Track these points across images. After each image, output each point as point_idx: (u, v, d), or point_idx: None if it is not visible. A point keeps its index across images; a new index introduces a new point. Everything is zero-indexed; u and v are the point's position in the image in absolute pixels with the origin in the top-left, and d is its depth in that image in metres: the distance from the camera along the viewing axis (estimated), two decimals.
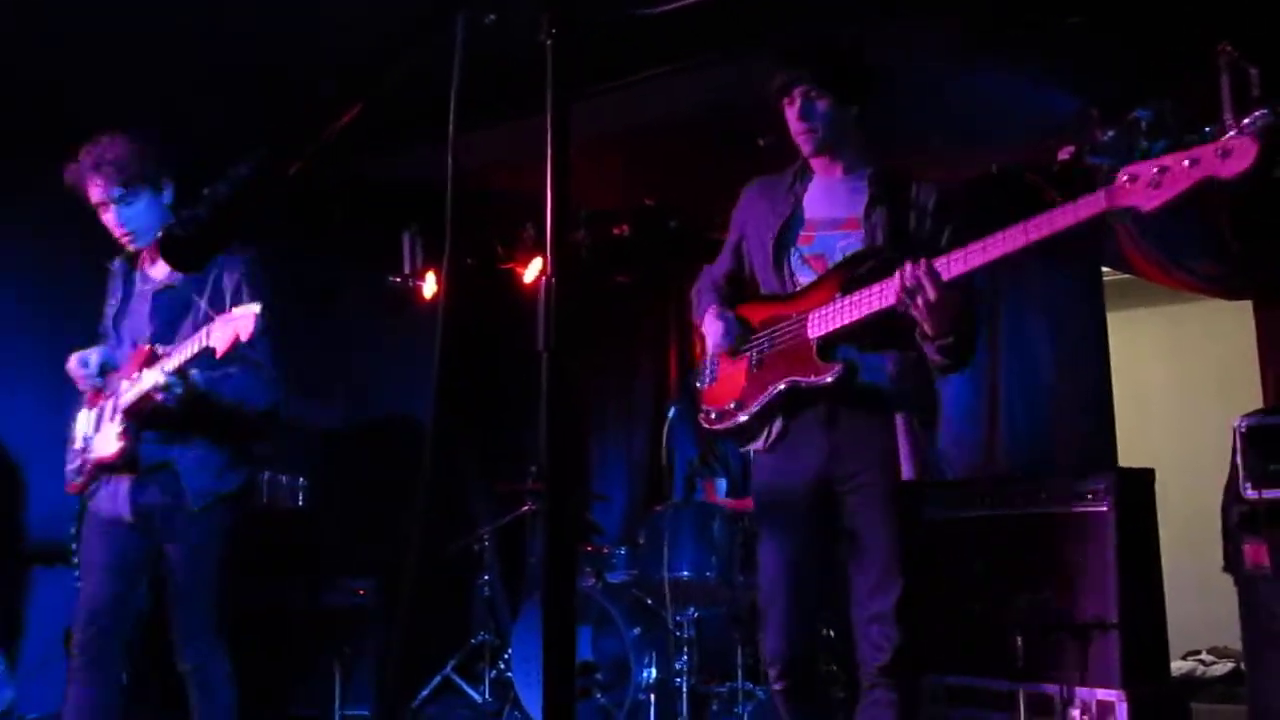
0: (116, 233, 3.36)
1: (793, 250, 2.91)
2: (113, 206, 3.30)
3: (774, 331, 2.86)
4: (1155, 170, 2.26)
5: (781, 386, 2.80)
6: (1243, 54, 4.30)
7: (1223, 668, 5.60)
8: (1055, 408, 5.52)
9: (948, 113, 5.19)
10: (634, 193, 6.29)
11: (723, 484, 5.74)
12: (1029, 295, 5.79)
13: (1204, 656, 5.76)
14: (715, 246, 3.25)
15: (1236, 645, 4.55)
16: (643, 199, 6.35)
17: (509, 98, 4.78)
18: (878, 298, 2.62)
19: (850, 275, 2.74)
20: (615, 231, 6.57)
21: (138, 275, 3.48)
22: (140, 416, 3.22)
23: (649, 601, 4.96)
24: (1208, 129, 4.52)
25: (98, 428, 3.34)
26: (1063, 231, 2.40)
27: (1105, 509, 4.39)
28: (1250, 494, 4.01)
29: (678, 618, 4.86)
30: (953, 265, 2.53)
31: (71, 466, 3.40)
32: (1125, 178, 2.31)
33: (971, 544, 4.62)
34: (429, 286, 6.30)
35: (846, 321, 2.67)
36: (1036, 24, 4.30)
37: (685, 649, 4.80)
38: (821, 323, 2.72)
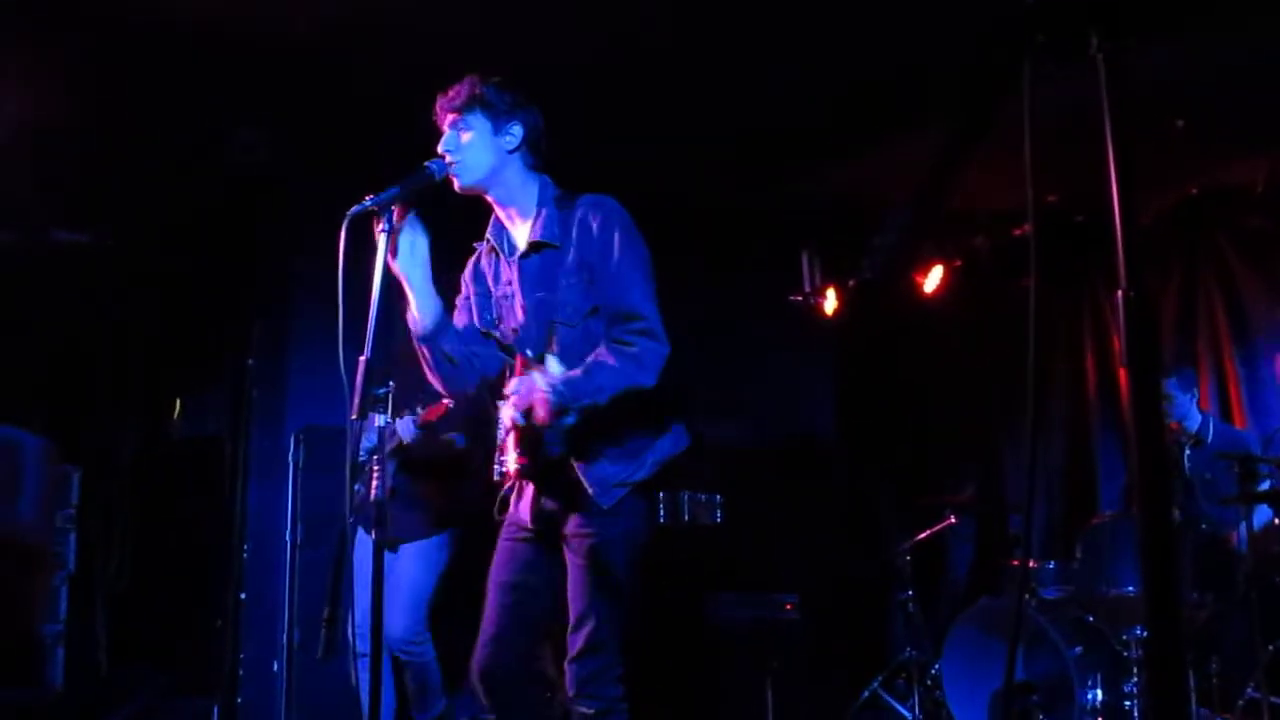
0: None
1: None
2: None
3: None
4: None
5: None
6: None
7: None
8: None
9: None
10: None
11: None
12: None
13: None
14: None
15: None
16: (1043, 196, 6.06)
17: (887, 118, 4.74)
18: None
19: None
20: (1016, 233, 6.33)
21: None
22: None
23: (1090, 619, 4.71)
24: None
25: None
26: None
27: None
28: None
29: (1123, 636, 4.57)
30: None
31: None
32: None
33: None
34: (829, 303, 6.33)
35: None
36: None
37: (1134, 670, 4.50)
38: None
